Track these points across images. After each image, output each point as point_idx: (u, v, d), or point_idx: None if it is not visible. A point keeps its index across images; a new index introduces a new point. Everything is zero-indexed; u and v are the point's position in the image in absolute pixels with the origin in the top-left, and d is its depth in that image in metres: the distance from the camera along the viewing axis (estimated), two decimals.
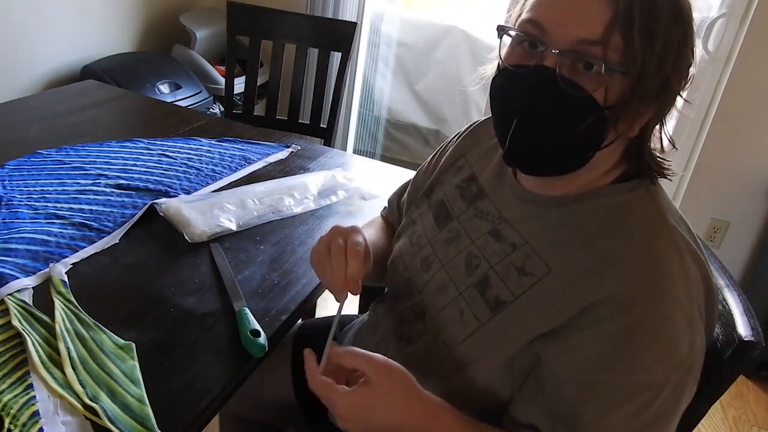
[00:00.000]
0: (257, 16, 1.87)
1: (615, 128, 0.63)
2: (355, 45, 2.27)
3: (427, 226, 0.84)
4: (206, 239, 1.02)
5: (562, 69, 0.61)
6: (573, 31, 0.60)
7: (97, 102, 1.57)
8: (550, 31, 0.62)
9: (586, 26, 0.59)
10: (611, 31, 0.59)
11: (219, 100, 2.46)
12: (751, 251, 2.23)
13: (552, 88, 0.61)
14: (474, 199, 0.80)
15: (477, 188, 0.81)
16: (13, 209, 1.05)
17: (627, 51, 0.59)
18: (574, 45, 0.60)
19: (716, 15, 2.07)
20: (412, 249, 0.84)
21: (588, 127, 0.62)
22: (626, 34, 0.59)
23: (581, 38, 0.60)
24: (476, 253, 0.75)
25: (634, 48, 0.59)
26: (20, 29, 2.02)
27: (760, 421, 1.91)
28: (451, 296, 0.74)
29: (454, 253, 0.77)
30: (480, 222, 0.77)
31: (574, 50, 0.60)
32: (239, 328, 0.82)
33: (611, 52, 0.59)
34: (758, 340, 0.67)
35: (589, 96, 0.61)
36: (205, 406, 0.71)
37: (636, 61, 0.59)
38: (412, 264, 0.83)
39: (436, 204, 0.85)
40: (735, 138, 2.10)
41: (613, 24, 0.59)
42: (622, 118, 0.62)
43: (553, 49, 0.61)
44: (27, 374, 0.72)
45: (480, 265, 0.73)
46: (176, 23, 2.53)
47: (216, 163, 1.32)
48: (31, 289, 0.86)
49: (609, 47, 0.59)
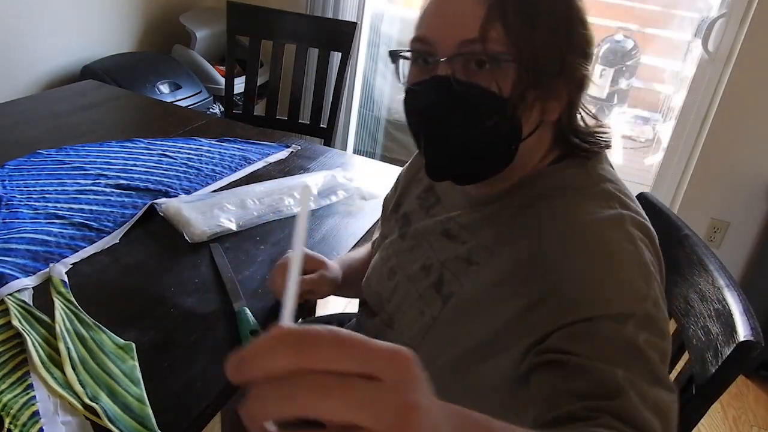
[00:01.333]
0: (257, 16, 1.87)
1: (528, 115, 0.64)
2: (355, 45, 2.27)
3: (394, 239, 0.86)
4: (206, 239, 1.02)
5: (456, 73, 0.63)
6: (454, 36, 0.62)
7: (97, 102, 1.57)
8: (434, 42, 0.64)
9: (464, 27, 0.62)
10: (489, 25, 0.61)
11: (219, 100, 2.46)
12: (751, 251, 2.23)
13: (449, 94, 0.63)
14: (430, 207, 0.82)
15: (434, 197, 0.83)
16: (13, 209, 1.05)
17: (509, 38, 0.61)
18: (458, 48, 0.62)
19: (716, 15, 2.07)
20: (381, 262, 0.86)
21: (498, 123, 0.63)
22: (505, 23, 0.61)
23: (462, 39, 0.62)
24: (431, 254, 0.77)
25: (515, 34, 0.61)
26: (20, 29, 2.02)
27: (760, 421, 1.91)
28: (413, 299, 0.76)
29: (415, 258, 0.79)
30: (433, 225, 0.79)
31: (459, 53, 0.62)
32: (239, 328, 0.82)
33: (494, 44, 0.61)
34: (758, 340, 0.67)
35: (486, 91, 0.62)
36: (205, 406, 0.71)
37: (521, 46, 0.61)
38: (381, 277, 0.85)
39: (401, 217, 0.87)
40: (735, 138, 2.11)
41: (488, 17, 0.61)
42: (530, 105, 0.63)
43: (441, 58, 0.63)
44: (27, 374, 0.72)
45: (433, 265, 0.75)
46: (176, 23, 2.53)
47: (216, 163, 1.32)
48: (31, 289, 0.86)
49: (490, 40, 0.61)
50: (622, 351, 0.54)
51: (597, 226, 0.62)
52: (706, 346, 0.74)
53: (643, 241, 0.62)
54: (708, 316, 0.77)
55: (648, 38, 4.20)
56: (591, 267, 0.59)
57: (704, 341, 0.75)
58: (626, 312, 0.55)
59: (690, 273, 0.84)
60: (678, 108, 2.32)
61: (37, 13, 2.07)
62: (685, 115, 2.22)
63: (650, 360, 0.54)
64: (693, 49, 2.65)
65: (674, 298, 0.86)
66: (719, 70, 2.10)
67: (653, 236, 0.65)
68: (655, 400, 0.51)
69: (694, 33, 2.45)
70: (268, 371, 0.29)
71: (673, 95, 3.56)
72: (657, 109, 4.27)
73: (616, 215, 0.63)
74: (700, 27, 2.19)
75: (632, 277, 0.58)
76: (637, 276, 0.58)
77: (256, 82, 1.94)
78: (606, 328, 0.55)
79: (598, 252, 0.60)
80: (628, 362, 0.53)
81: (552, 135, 0.69)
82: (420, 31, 0.66)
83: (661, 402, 0.52)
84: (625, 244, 0.60)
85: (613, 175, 0.69)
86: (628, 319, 0.55)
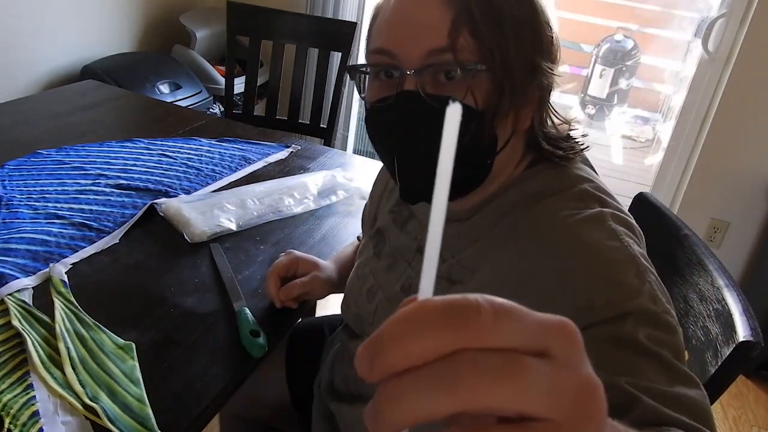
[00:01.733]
0: (257, 16, 1.87)
1: (503, 126, 0.60)
2: (355, 45, 2.27)
3: (369, 257, 0.83)
4: (206, 239, 1.02)
5: (426, 86, 0.59)
6: (420, 46, 0.58)
7: (97, 102, 1.57)
8: (399, 54, 0.59)
9: (430, 37, 0.58)
10: (457, 32, 0.57)
11: (219, 100, 2.46)
12: (751, 251, 2.23)
13: (420, 111, 0.59)
14: (405, 222, 0.79)
15: (408, 211, 0.79)
16: (13, 209, 1.05)
17: (479, 46, 0.57)
18: (426, 59, 0.58)
19: (716, 15, 2.07)
20: (358, 282, 0.83)
21: (473, 135, 0.59)
22: (473, 30, 0.57)
23: (430, 49, 0.58)
24: (410, 273, 0.74)
25: (485, 40, 0.57)
26: (20, 29, 2.02)
27: (760, 421, 1.91)
28: None
29: (394, 279, 0.76)
30: (409, 242, 0.76)
31: (428, 64, 0.58)
32: (239, 328, 0.82)
33: (464, 53, 0.57)
34: (758, 340, 0.67)
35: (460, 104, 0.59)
36: (205, 406, 0.71)
37: (492, 53, 0.57)
38: (359, 298, 0.82)
39: (375, 233, 0.84)
40: (735, 138, 2.11)
41: (456, 25, 0.57)
42: (503, 113, 0.60)
43: (408, 71, 0.59)
44: (27, 374, 0.72)
45: (413, 285, 0.72)
46: (176, 23, 2.53)
47: (216, 163, 1.32)
48: (31, 289, 0.86)
49: (460, 48, 0.57)
50: (622, 355, 0.49)
51: (576, 228, 0.58)
52: (705, 347, 0.74)
53: (627, 235, 0.58)
54: (708, 316, 0.77)
55: (648, 38, 4.21)
56: (574, 273, 0.56)
57: (704, 341, 0.75)
58: (620, 313, 0.51)
59: (689, 273, 0.84)
60: (678, 108, 2.32)
61: (37, 13, 2.07)
62: (685, 115, 2.22)
63: (660, 357, 0.49)
64: (693, 49, 2.66)
65: (674, 298, 0.86)
66: (719, 70, 2.10)
67: (638, 231, 0.61)
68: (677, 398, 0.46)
69: (694, 33, 2.45)
70: (417, 357, 0.22)
71: (673, 95, 3.57)
72: (657, 109, 4.27)
73: (596, 214, 0.59)
74: (700, 27, 2.19)
75: (620, 274, 0.55)
76: (626, 272, 0.55)
77: (256, 82, 1.94)
78: (601, 335, 0.50)
79: (581, 255, 0.57)
80: (633, 366, 0.48)
81: (524, 142, 0.67)
82: (380, 42, 0.61)
83: (685, 398, 0.47)
84: (608, 242, 0.57)
85: (590, 174, 0.66)
86: (624, 319, 0.51)
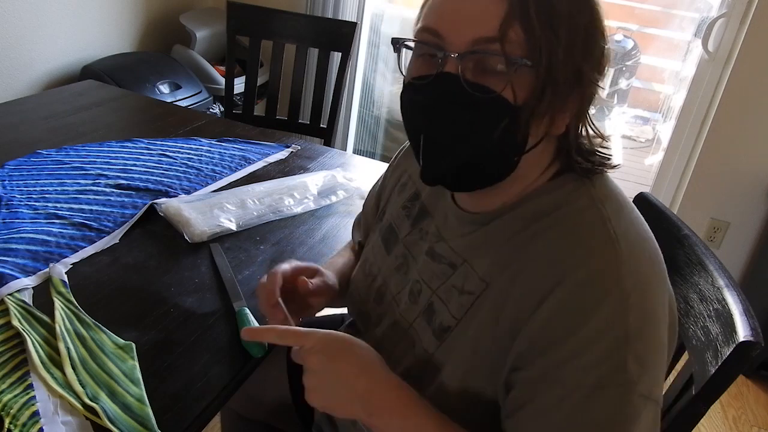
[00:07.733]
0: (257, 16, 1.87)
1: (537, 126, 0.59)
2: (355, 45, 2.27)
3: (378, 253, 0.81)
4: (206, 239, 1.02)
5: (466, 72, 0.58)
6: (469, 32, 0.57)
7: (97, 102, 1.57)
8: (446, 36, 0.58)
9: (481, 24, 0.56)
10: (509, 25, 0.55)
11: (219, 100, 2.46)
12: (751, 251, 2.23)
13: (457, 94, 0.58)
14: (417, 219, 0.77)
15: (420, 207, 0.77)
16: (13, 209, 1.05)
17: (529, 42, 0.56)
18: (473, 45, 0.57)
19: (716, 15, 2.07)
20: (366, 280, 0.82)
21: (504, 130, 0.58)
22: (525, 25, 0.55)
23: (478, 37, 0.56)
24: (418, 278, 0.72)
25: (536, 37, 0.55)
26: (20, 29, 2.02)
27: (760, 421, 1.91)
28: (403, 329, 0.72)
29: (403, 282, 0.75)
30: (421, 243, 0.74)
31: (473, 51, 0.57)
32: (239, 328, 0.82)
33: (512, 46, 0.56)
34: (758, 340, 0.67)
35: (498, 96, 0.57)
36: (205, 406, 0.71)
37: (541, 51, 0.56)
38: (367, 296, 0.81)
39: (385, 228, 0.82)
40: (735, 138, 2.11)
41: (509, 16, 0.55)
42: (539, 115, 0.58)
43: (452, 54, 0.58)
44: (27, 374, 0.72)
45: (422, 290, 0.71)
46: (176, 23, 2.53)
47: (216, 163, 1.32)
48: (31, 289, 0.86)
49: (508, 41, 0.56)
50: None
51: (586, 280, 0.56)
52: (705, 347, 0.74)
53: (638, 287, 0.57)
54: (708, 316, 0.77)
55: (648, 38, 4.21)
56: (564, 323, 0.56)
57: (704, 341, 0.75)
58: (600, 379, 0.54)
59: (689, 273, 0.84)
60: (678, 108, 2.32)
61: (37, 14, 2.07)
62: (685, 115, 2.22)
63: None
64: (693, 49, 2.66)
65: None
66: (719, 70, 2.10)
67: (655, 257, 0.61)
68: None
69: (694, 33, 2.45)
70: None
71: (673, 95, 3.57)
72: (657, 109, 4.27)
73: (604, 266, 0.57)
74: (700, 27, 2.19)
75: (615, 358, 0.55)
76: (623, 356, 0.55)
77: (256, 82, 1.94)
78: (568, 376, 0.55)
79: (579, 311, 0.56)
80: None
81: (555, 147, 0.65)
82: (429, 21, 0.60)
83: None
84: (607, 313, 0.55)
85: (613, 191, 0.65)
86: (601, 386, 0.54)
